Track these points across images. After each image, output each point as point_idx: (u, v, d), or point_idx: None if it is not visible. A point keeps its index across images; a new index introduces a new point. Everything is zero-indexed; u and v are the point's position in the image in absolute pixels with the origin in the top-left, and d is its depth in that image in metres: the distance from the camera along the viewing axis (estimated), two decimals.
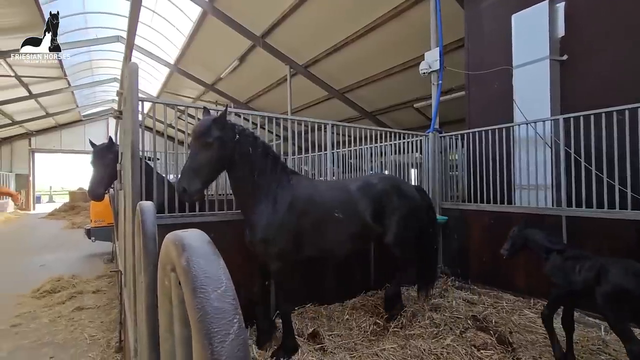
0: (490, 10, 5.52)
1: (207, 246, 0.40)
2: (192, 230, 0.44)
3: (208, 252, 0.38)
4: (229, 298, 0.34)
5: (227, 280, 0.36)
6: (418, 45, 8.02)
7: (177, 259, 0.39)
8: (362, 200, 3.42)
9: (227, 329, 0.31)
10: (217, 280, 0.35)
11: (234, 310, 0.34)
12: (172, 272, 0.45)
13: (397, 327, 3.50)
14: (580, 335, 3.24)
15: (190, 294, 0.34)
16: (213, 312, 0.32)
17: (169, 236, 0.45)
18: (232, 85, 14.94)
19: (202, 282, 0.34)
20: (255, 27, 10.37)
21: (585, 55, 4.42)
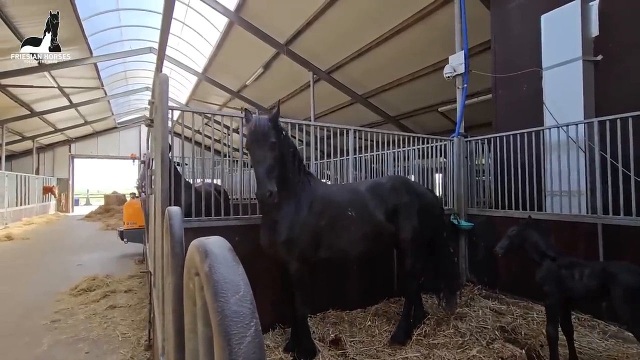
0: (518, 11, 5.36)
1: (228, 253, 0.43)
2: (215, 238, 0.48)
3: (228, 259, 0.42)
4: (246, 303, 0.37)
5: (246, 286, 0.39)
6: (443, 49, 7.88)
7: (200, 265, 0.43)
8: (373, 200, 3.43)
9: (244, 332, 0.34)
10: (236, 286, 0.38)
11: (251, 314, 0.36)
12: (196, 276, 0.48)
13: (420, 335, 3.43)
14: (618, 352, 3.05)
15: (212, 297, 0.37)
16: (232, 315, 0.35)
17: (194, 242, 0.48)
18: (257, 92, 15.29)
19: (222, 287, 0.37)
20: (279, 35, 10.58)
21: (621, 55, 4.19)
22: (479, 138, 5.27)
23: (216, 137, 19.53)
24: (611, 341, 3.27)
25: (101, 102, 18.95)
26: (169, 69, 15.97)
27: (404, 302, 3.61)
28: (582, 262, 2.68)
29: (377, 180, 3.74)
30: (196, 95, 17.94)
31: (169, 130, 3.16)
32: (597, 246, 3.68)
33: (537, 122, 4.67)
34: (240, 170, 4.43)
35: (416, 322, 3.58)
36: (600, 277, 2.44)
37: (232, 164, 5.45)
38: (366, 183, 3.68)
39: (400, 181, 3.69)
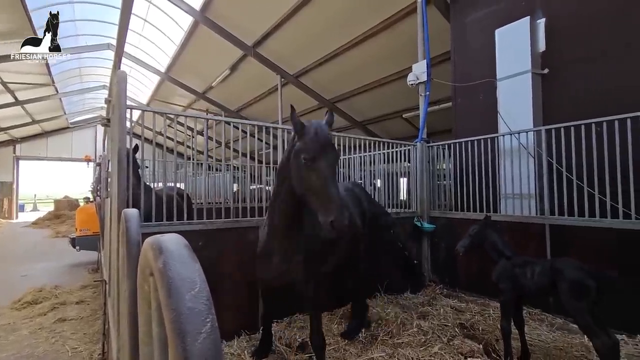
0: (475, 25, 5.70)
1: (184, 249, 0.41)
2: (170, 235, 0.46)
3: (184, 255, 0.40)
4: (202, 299, 0.36)
5: (202, 283, 0.38)
6: (407, 57, 8.19)
7: (154, 262, 0.41)
8: (352, 207, 3.49)
9: (199, 328, 0.33)
10: (192, 282, 0.37)
11: (208, 310, 0.35)
12: (151, 276, 0.46)
13: (386, 335, 3.50)
14: (564, 342, 3.30)
15: (166, 295, 0.36)
16: (186, 312, 0.34)
17: (147, 240, 0.46)
18: (223, 93, 14.97)
19: (176, 284, 0.36)
20: (246, 37, 10.46)
21: (564, 69, 4.59)
22: (440, 144, 5.51)
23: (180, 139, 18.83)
24: (558, 332, 3.53)
25: (52, 100, 17.60)
26: (128, 67, 15.20)
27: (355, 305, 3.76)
28: (533, 261, 2.86)
29: (346, 185, 3.78)
30: (158, 96, 17.21)
31: (128, 131, 3.00)
32: (545, 245, 3.97)
33: (492, 129, 4.98)
34: (205, 173, 4.30)
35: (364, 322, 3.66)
36: (548, 274, 2.62)
37: (196, 167, 5.29)
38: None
39: (359, 188, 3.75)
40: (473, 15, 5.75)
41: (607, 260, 3.47)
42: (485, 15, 5.54)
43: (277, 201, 2.61)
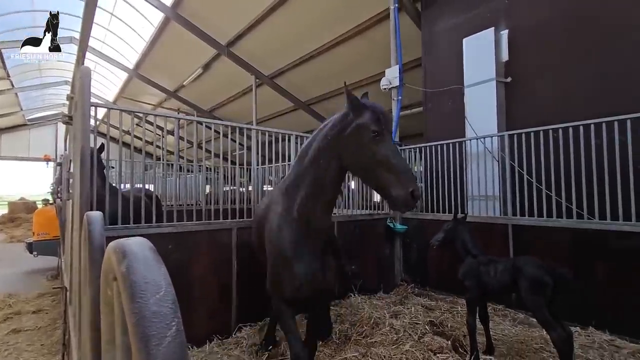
0: (444, 34, 5.94)
1: (149, 253, 0.41)
2: (135, 238, 0.45)
3: (148, 259, 0.39)
4: (167, 302, 0.35)
5: (167, 286, 0.37)
6: (380, 62, 8.36)
7: (117, 266, 0.40)
8: None
9: (164, 332, 0.33)
10: (157, 286, 0.36)
11: (173, 314, 0.35)
12: (114, 281, 0.45)
13: (359, 335, 3.55)
14: (525, 335, 3.49)
15: (129, 299, 0.35)
16: (150, 316, 0.33)
17: (111, 244, 0.45)
18: (196, 93, 14.60)
19: (140, 288, 0.35)
20: (220, 36, 10.28)
21: (525, 78, 4.88)
22: (412, 147, 5.68)
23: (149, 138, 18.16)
24: (520, 327, 3.73)
25: (7, 94, 16.41)
26: (93, 63, 14.49)
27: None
28: (497, 259, 3.00)
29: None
30: (126, 93, 16.50)
31: (92, 130, 2.87)
32: (509, 244, 4.19)
33: (460, 134, 5.19)
34: (176, 174, 4.18)
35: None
36: (510, 272, 2.77)
37: (166, 167, 5.12)
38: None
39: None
40: (442, 24, 5.98)
41: (563, 258, 3.71)
42: (454, 24, 5.78)
43: (318, 187, 2.26)
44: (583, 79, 4.40)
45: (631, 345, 3.18)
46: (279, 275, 2.37)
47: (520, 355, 3.13)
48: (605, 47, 4.24)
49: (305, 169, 2.33)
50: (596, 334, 3.40)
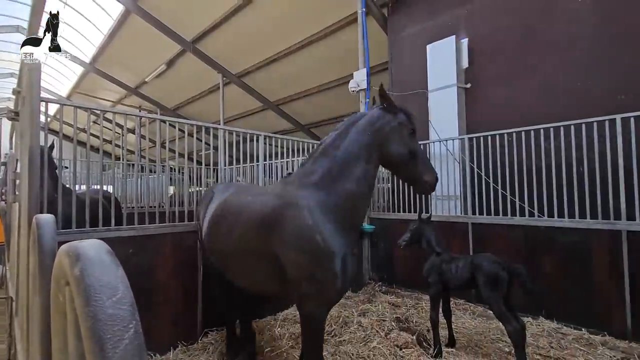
0: (410, 39, 6.15)
1: (105, 255, 0.39)
2: (89, 240, 0.43)
3: (104, 261, 0.38)
4: (125, 305, 0.34)
5: (125, 289, 0.36)
6: (348, 65, 8.49)
7: (70, 270, 0.38)
8: None
9: (121, 334, 0.32)
10: (113, 289, 0.35)
11: (131, 316, 0.34)
12: (67, 286, 0.43)
13: (328, 335, 3.58)
14: (483, 327, 3.69)
15: (83, 303, 0.33)
16: (106, 319, 0.32)
17: (62, 247, 0.43)
18: (159, 90, 14.01)
19: (96, 291, 0.34)
20: (185, 32, 9.94)
21: (484, 85, 5.18)
22: None
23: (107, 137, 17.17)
24: (479, 319, 3.94)
25: None
26: (43, 54, 13.42)
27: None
28: (458, 257, 3.16)
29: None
30: (82, 88, 15.48)
31: (42, 127, 2.67)
32: (469, 241, 4.42)
33: (424, 137, 5.40)
34: (137, 175, 3.99)
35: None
36: (469, 269, 2.92)
37: (126, 168, 4.88)
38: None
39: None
40: (408, 30, 6.19)
41: (517, 253, 3.97)
42: (418, 31, 6.01)
43: (361, 179, 2.25)
44: (530, 87, 4.74)
45: (575, 332, 3.48)
46: (325, 276, 2.10)
47: (479, 346, 3.31)
48: (549, 59, 4.61)
49: (343, 162, 2.27)
50: (545, 323, 3.68)
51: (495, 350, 3.21)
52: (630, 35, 4.03)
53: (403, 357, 3.10)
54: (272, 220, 2.23)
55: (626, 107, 3.61)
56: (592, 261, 3.52)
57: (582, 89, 4.31)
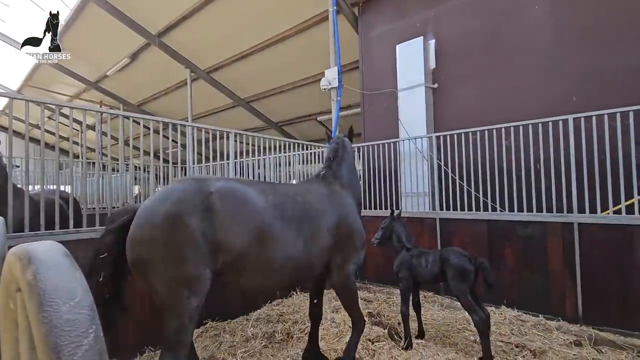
0: (380, 39, 6.26)
1: (61, 258, 0.36)
2: (43, 242, 0.39)
3: (60, 264, 0.35)
4: (84, 309, 0.32)
5: (84, 292, 0.34)
6: (320, 62, 8.52)
7: (21, 275, 0.35)
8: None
9: (79, 340, 0.29)
10: (70, 292, 0.32)
11: (90, 320, 0.32)
12: (18, 292, 0.39)
13: (301, 332, 3.58)
14: (451, 318, 3.85)
15: (37, 309, 0.31)
16: (63, 325, 0.30)
17: (12, 250, 0.39)
18: (121, 84, 13.30)
19: (50, 296, 0.31)
20: (150, 25, 9.50)
21: (449, 85, 5.38)
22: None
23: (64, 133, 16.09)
24: (446, 311, 4.11)
25: None
26: None
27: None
28: (427, 251, 3.28)
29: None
30: (35, 82, 14.37)
31: None
32: (437, 236, 4.59)
33: (394, 135, 5.53)
34: (98, 174, 3.78)
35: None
36: (438, 263, 3.04)
37: (86, 166, 4.61)
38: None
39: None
40: (378, 30, 6.30)
41: (480, 246, 4.18)
42: (388, 31, 6.13)
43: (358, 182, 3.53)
44: (493, 88, 4.99)
45: (533, 318, 3.71)
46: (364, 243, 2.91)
47: (447, 336, 3.46)
48: (511, 61, 4.87)
49: (350, 169, 3.24)
50: (507, 312, 3.90)
51: (461, 340, 3.36)
52: (583, 40, 4.34)
53: (375, 350, 3.16)
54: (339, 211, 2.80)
55: (579, 108, 3.90)
56: (547, 252, 3.78)
57: (541, 90, 4.60)
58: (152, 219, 2.02)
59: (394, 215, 3.54)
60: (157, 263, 1.99)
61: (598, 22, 4.25)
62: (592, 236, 3.53)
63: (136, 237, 2.03)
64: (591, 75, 4.24)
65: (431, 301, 4.43)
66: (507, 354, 3.06)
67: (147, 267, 2.01)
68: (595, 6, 4.27)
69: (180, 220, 2.01)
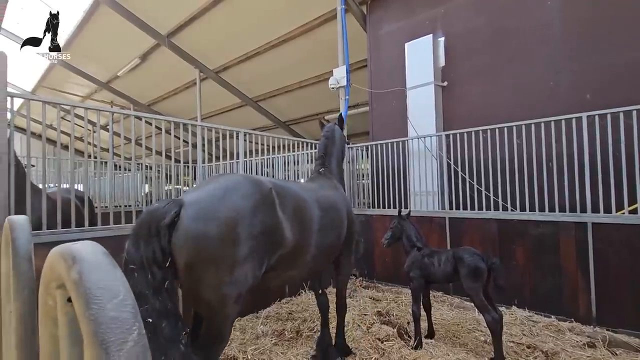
0: (388, 37, 6.23)
1: (102, 257, 0.38)
2: (84, 242, 0.42)
3: (103, 263, 0.37)
4: (127, 307, 0.34)
5: (126, 291, 0.36)
6: (328, 61, 8.51)
7: (66, 273, 0.37)
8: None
9: (124, 337, 0.31)
10: (114, 291, 0.34)
11: (133, 318, 0.33)
12: (59, 289, 0.41)
13: (310, 330, 3.61)
14: (460, 318, 3.83)
15: (83, 307, 0.33)
16: (108, 322, 0.31)
17: (55, 249, 0.41)
18: (132, 85, 13.49)
19: (95, 294, 0.33)
20: (160, 26, 9.61)
21: (459, 83, 5.33)
22: (359, 145, 5.88)
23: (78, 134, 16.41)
24: (456, 311, 4.09)
25: None
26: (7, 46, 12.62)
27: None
28: (439, 250, 3.25)
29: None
30: (48, 83, 14.65)
31: (9, 123, 2.52)
32: (446, 235, 4.56)
33: (403, 134, 5.50)
34: (110, 173, 3.86)
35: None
36: (452, 262, 3.02)
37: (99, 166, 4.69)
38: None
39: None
40: (386, 28, 6.27)
41: (490, 246, 4.14)
42: (397, 29, 6.09)
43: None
44: (503, 86, 4.93)
45: (545, 319, 3.67)
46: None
47: (457, 336, 3.44)
48: (521, 58, 4.81)
49: (338, 163, 3.50)
50: (518, 312, 3.87)
51: (471, 340, 3.35)
52: (596, 35, 4.26)
53: (385, 349, 3.16)
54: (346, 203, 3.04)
55: (593, 105, 3.84)
56: (560, 252, 3.73)
57: (552, 87, 4.53)
58: (218, 215, 1.83)
59: (402, 215, 3.54)
60: (222, 261, 1.80)
61: (611, 16, 4.16)
62: (607, 236, 3.47)
63: (199, 234, 1.76)
64: (605, 72, 4.16)
65: (440, 301, 4.41)
66: (518, 355, 3.04)
67: (207, 267, 1.78)
68: (608, 0, 4.19)
69: (250, 216, 1.91)
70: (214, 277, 1.80)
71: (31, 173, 3.41)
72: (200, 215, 1.79)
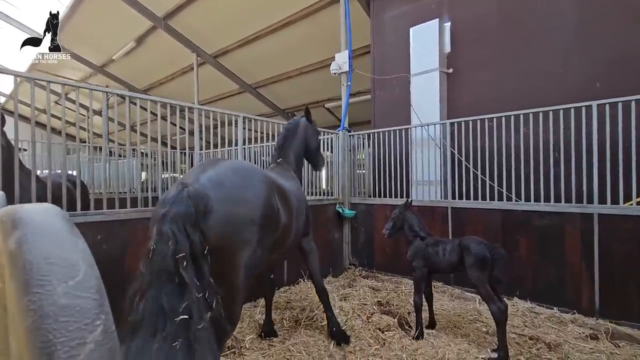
0: (393, 22, 6.04)
1: (58, 221, 0.26)
2: (36, 204, 0.30)
3: (56, 229, 0.25)
4: (89, 292, 0.22)
5: (89, 268, 0.24)
6: (330, 47, 8.29)
7: (3, 242, 0.25)
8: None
9: (81, 336, 0.20)
10: (70, 268, 0.23)
11: (97, 308, 0.22)
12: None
13: (309, 320, 3.54)
14: (461, 309, 3.78)
15: (20, 290, 0.21)
16: (58, 313, 0.20)
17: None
18: (127, 69, 13.17)
19: (40, 272, 0.22)
20: (156, 7, 9.31)
21: (465, 70, 5.18)
22: (361, 133, 5.75)
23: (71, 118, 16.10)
24: (456, 301, 4.03)
25: None
26: None
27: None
28: (443, 240, 3.16)
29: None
30: (41, 66, 14.28)
31: None
32: (448, 225, 4.48)
33: (406, 121, 5.37)
34: (105, 159, 3.72)
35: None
36: (457, 251, 2.93)
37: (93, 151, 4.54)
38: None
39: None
40: (391, 12, 6.07)
41: (493, 236, 4.06)
42: (402, 13, 5.90)
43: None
44: (510, 74, 4.79)
45: (547, 311, 3.62)
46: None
47: (458, 327, 3.39)
48: (529, 45, 4.66)
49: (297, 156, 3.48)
50: (520, 303, 3.81)
51: (473, 331, 3.29)
52: (607, 22, 4.12)
53: (385, 339, 3.11)
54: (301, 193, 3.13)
55: (603, 94, 3.72)
56: (564, 243, 3.66)
57: (561, 75, 4.40)
58: (247, 197, 1.97)
59: (404, 205, 3.44)
60: (248, 243, 1.91)
61: (623, 4, 4.01)
62: (613, 228, 3.39)
63: (230, 216, 1.83)
64: (616, 60, 4.03)
65: (441, 291, 4.35)
66: (521, 347, 2.99)
67: (235, 248, 1.86)
68: None
69: (271, 200, 2.14)
70: (242, 257, 1.90)
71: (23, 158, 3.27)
72: (229, 198, 1.87)
